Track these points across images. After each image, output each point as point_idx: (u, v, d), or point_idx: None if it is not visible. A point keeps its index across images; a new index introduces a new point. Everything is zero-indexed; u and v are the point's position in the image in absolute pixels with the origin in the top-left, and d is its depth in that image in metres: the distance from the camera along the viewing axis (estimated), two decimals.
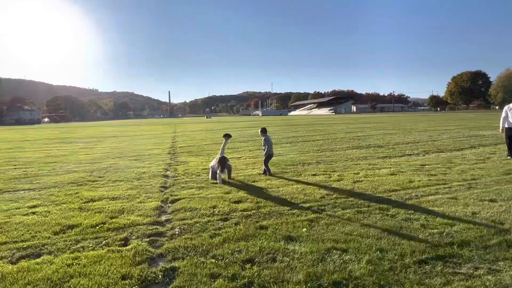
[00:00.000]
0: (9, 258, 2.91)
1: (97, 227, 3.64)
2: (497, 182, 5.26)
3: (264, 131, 6.64)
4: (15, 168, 8.13)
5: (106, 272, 2.59)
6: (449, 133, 14.54)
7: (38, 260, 2.86)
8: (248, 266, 2.66)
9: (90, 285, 2.40)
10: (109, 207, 4.42)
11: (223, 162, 5.90)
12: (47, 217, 4.06)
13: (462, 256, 2.72)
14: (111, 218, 3.96)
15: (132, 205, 4.52)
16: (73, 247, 3.12)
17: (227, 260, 2.76)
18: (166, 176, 6.65)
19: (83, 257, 2.87)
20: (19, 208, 4.48)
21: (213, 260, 2.77)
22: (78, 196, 5.06)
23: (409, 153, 8.95)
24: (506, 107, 7.74)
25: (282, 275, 2.50)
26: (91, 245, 3.18)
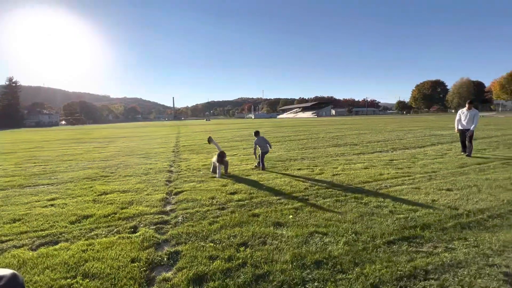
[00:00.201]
0: (30, 246, 2.83)
1: (109, 217, 3.57)
2: (452, 174, 5.38)
3: (256, 133, 6.62)
4: (35, 165, 7.91)
5: (117, 256, 2.55)
6: (413, 133, 14.78)
7: (56, 246, 2.79)
8: (242, 249, 2.65)
9: (103, 268, 2.36)
10: (119, 199, 4.35)
11: (222, 156, 5.92)
12: (64, 208, 3.97)
13: (423, 237, 2.77)
14: (122, 209, 3.89)
15: (141, 197, 4.45)
16: (88, 235, 3.06)
17: (224, 244, 2.75)
18: (171, 171, 6.57)
19: (96, 244, 2.82)
20: (38, 201, 4.36)
21: (212, 244, 2.75)
22: (92, 190, 4.95)
23: (380, 150, 9.06)
24: (459, 111, 7.82)
25: (272, 256, 2.50)
26: (103, 232, 3.12)
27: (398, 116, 68.42)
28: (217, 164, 5.88)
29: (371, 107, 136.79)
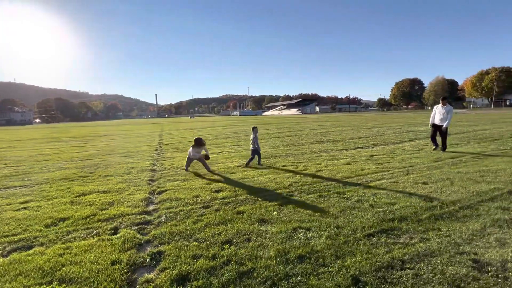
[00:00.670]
0: (0, 252, 2.67)
1: (88, 219, 3.44)
2: (428, 168, 5.65)
3: (253, 129, 6.69)
4: (5, 167, 7.44)
5: (96, 259, 2.46)
6: (392, 129, 15.35)
7: (29, 251, 2.65)
8: (226, 246, 2.65)
9: (81, 271, 2.27)
10: (99, 200, 4.19)
11: (197, 141, 5.84)
12: (38, 211, 3.77)
13: (401, 229, 2.90)
14: (102, 210, 3.75)
15: (122, 197, 4.32)
16: (65, 238, 2.93)
17: (208, 242, 2.74)
18: (154, 170, 6.42)
19: (74, 247, 2.71)
20: (10, 204, 4.11)
21: (196, 243, 2.73)
22: (69, 191, 4.74)
23: (361, 146, 9.34)
24: (435, 107, 8.06)
25: (256, 252, 2.52)
26: (82, 235, 3.00)
27: (379, 113, 70.76)
28: (191, 155, 5.72)
29: (353, 104, 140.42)
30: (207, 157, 6.31)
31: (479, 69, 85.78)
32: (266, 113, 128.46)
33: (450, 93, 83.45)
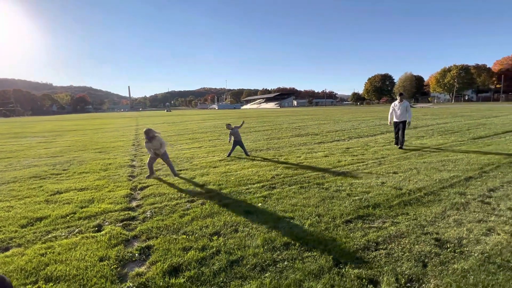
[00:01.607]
0: None
1: (68, 217, 3.33)
2: (398, 159, 6.11)
3: (228, 126, 7.05)
4: None
5: (83, 257, 2.43)
6: (366, 123, 16.17)
7: (7, 253, 2.54)
8: (215, 238, 2.74)
9: (67, 270, 2.24)
10: (77, 197, 4.05)
11: (146, 133, 4.92)
12: (10, 212, 3.57)
13: (375, 215, 3.18)
14: (82, 208, 3.64)
15: (102, 194, 4.20)
16: (44, 238, 2.83)
17: (196, 235, 2.81)
18: (133, 166, 6.26)
19: (56, 246, 2.64)
20: None
21: (184, 236, 2.79)
22: (42, 190, 4.50)
23: (338, 139, 9.78)
24: (392, 104, 7.81)
25: (244, 242, 2.64)
26: (63, 234, 2.92)
27: (353, 107, 73.63)
28: (152, 155, 4.87)
29: (329, 98, 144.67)
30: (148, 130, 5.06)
31: (442, 66, 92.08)
32: (244, 106, 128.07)
33: (417, 89, 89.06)
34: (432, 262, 2.25)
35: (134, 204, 3.82)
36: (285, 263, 2.29)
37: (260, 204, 3.60)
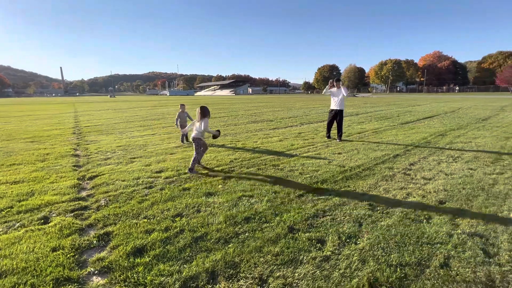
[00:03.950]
0: None
1: (4, 212, 2.98)
2: (342, 142, 6.86)
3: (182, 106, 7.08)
4: None
5: (31, 249, 2.26)
6: (315, 110, 17.37)
7: None
8: (178, 219, 2.81)
9: (14, 263, 2.08)
10: (12, 191, 3.59)
11: (202, 108, 4.43)
12: None
13: (323, 189, 3.62)
14: (20, 201, 3.27)
15: (43, 186, 3.80)
16: None
17: (158, 218, 2.83)
18: (77, 156, 5.70)
19: None
20: None
21: (146, 220, 2.78)
22: None
23: (291, 125, 10.39)
24: (329, 90, 7.32)
25: (207, 220, 2.78)
26: (1, 229, 2.62)
27: (305, 95, 77.55)
28: (195, 129, 4.32)
29: (283, 86, 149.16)
30: (214, 136, 4.71)
31: (381, 59, 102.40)
32: (198, 93, 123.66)
33: (359, 79, 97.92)
34: (366, 222, 2.74)
35: (84, 194, 3.57)
36: (246, 234, 2.52)
37: (220, 186, 3.74)
